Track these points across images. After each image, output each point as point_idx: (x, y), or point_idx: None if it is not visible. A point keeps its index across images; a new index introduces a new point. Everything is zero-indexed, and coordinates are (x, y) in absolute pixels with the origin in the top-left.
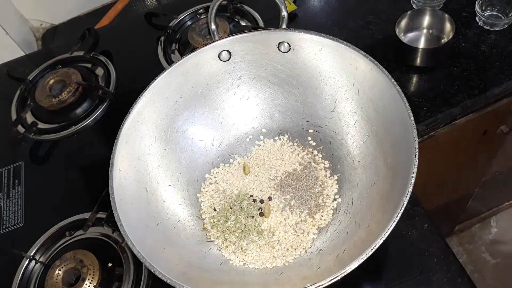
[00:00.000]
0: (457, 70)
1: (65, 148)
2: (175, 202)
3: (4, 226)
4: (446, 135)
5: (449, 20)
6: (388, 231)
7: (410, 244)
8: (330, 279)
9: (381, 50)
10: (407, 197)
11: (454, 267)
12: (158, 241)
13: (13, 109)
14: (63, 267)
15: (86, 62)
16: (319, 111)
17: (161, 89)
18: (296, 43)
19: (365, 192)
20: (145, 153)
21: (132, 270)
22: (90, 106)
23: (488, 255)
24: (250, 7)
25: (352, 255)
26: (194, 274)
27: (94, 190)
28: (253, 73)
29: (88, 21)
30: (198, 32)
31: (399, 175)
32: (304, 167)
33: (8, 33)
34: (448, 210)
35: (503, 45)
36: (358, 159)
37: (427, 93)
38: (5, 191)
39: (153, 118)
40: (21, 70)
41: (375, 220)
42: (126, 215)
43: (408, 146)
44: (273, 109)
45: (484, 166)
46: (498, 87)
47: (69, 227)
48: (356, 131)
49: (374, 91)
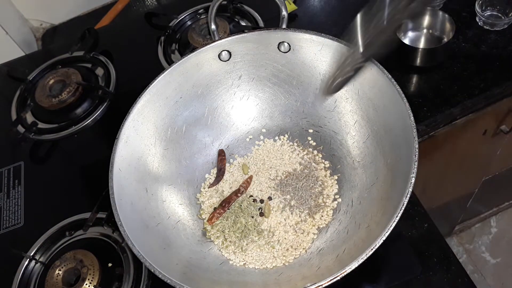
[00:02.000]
0: (457, 70)
1: (65, 148)
2: (175, 202)
3: (4, 226)
4: (446, 135)
5: (449, 20)
6: (388, 231)
7: (410, 244)
8: (330, 279)
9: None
10: (407, 197)
11: (454, 267)
12: (158, 241)
13: (13, 109)
14: (63, 267)
15: (86, 62)
16: (319, 111)
17: (161, 89)
18: (296, 43)
19: (365, 192)
20: (145, 153)
21: (132, 270)
22: (90, 106)
23: (488, 255)
24: (250, 7)
25: (352, 255)
26: (194, 274)
27: (94, 190)
28: (253, 73)
29: (88, 21)
30: (198, 32)
31: (399, 175)
32: (304, 167)
33: (8, 33)
34: (448, 210)
35: (503, 45)
36: (358, 159)
37: (427, 93)
38: (5, 191)
39: (153, 118)
40: (21, 70)
41: (375, 220)
42: (126, 215)
43: (408, 146)
44: (273, 109)
45: (484, 166)
46: (498, 87)
47: (69, 227)
48: (356, 131)
49: (374, 91)
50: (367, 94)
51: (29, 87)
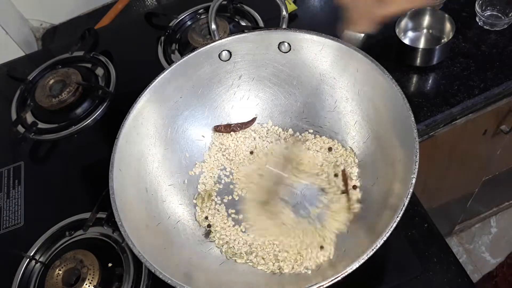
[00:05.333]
0: (457, 70)
1: (65, 148)
2: (175, 202)
3: (4, 226)
4: (446, 135)
5: (449, 20)
6: (388, 232)
7: (410, 244)
8: (331, 279)
9: (381, 50)
10: (407, 197)
11: (454, 267)
12: (158, 241)
13: (13, 109)
14: (63, 267)
15: (86, 62)
16: (319, 111)
17: (161, 89)
18: (297, 43)
19: (365, 192)
20: (145, 153)
21: (132, 270)
22: (90, 106)
23: (488, 255)
24: (250, 7)
25: (353, 255)
26: (194, 274)
27: (94, 190)
28: (253, 73)
29: (88, 21)
30: (198, 32)
31: (400, 175)
32: None
33: (8, 33)
34: (448, 210)
35: (503, 45)
36: (358, 159)
37: (427, 93)
38: (5, 191)
39: (153, 118)
40: (21, 70)
41: (375, 220)
42: (126, 215)
43: (409, 146)
44: (273, 109)
45: (484, 166)
46: (498, 87)
47: (69, 227)
48: (356, 131)
49: (374, 91)
50: (367, 94)
51: (29, 87)
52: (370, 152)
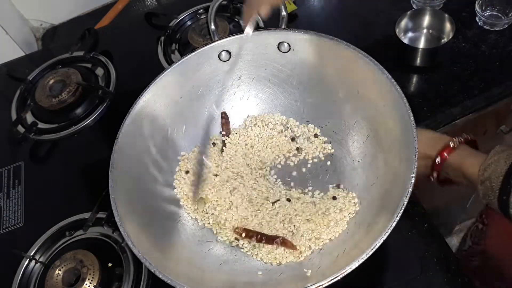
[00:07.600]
0: (457, 70)
1: (65, 148)
2: (175, 202)
3: (4, 226)
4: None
5: (449, 20)
6: (388, 231)
7: (410, 244)
8: (330, 279)
9: (381, 50)
10: (407, 197)
11: (454, 267)
12: (158, 241)
13: (13, 109)
14: (63, 267)
15: (86, 62)
16: (319, 111)
17: (161, 89)
18: (296, 43)
19: (365, 192)
20: (145, 153)
21: (132, 270)
22: (90, 106)
23: None
24: None
25: (352, 255)
26: (194, 274)
27: (94, 190)
28: (253, 73)
29: (88, 21)
30: (198, 32)
31: (399, 175)
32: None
33: (8, 33)
34: (448, 210)
35: (503, 45)
36: (358, 159)
37: (427, 93)
38: (5, 191)
39: (153, 118)
40: (21, 70)
41: (375, 220)
42: (126, 215)
43: (408, 146)
44: (273, 109)
45: None
46: (498, 87)
47: (69, 227)
48: (356, 131)
49: (374, 91)
50: (367, 94)
51: (29, 87)
52: (370, 151)
